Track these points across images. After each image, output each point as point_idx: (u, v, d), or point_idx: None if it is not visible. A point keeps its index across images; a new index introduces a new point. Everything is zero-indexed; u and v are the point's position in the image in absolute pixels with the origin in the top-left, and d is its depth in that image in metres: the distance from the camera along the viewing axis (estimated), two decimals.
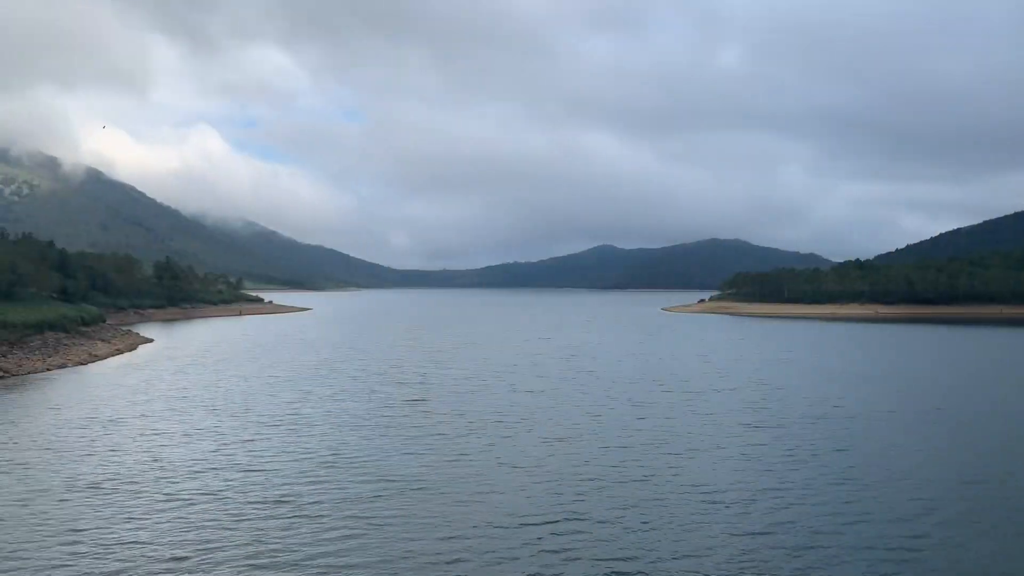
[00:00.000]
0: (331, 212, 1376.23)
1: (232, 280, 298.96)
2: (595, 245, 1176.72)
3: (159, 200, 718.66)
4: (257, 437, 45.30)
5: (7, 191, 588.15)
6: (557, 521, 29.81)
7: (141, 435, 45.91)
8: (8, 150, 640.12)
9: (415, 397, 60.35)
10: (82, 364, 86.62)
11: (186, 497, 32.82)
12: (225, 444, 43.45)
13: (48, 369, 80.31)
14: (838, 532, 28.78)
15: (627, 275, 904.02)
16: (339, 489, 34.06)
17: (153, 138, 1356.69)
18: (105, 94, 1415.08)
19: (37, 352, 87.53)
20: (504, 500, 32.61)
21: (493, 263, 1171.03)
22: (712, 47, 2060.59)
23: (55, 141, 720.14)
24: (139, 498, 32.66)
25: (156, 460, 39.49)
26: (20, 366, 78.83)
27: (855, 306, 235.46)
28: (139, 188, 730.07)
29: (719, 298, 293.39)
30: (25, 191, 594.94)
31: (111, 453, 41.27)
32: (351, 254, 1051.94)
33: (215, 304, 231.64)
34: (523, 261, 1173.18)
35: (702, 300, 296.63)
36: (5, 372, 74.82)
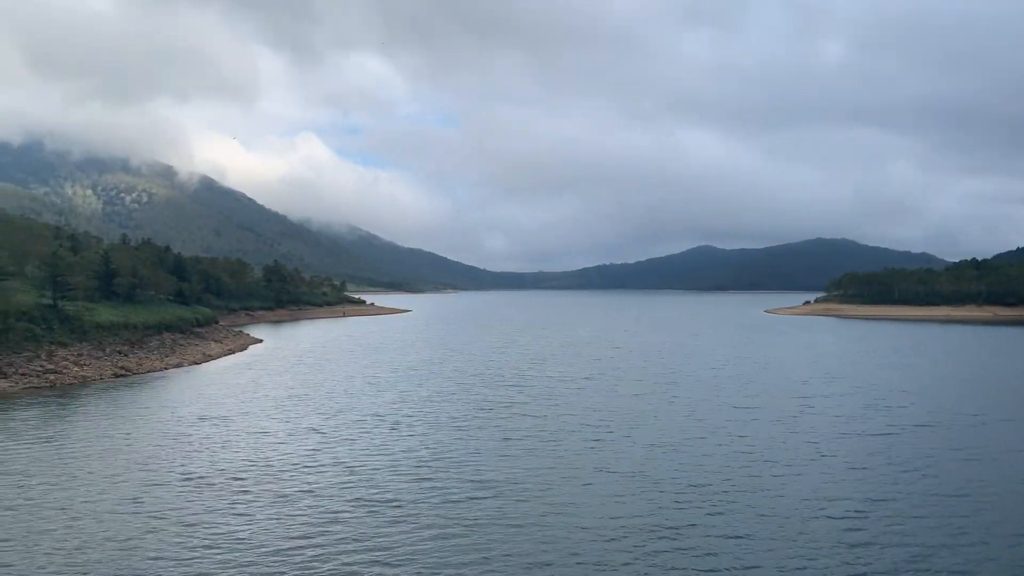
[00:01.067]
0: (429, 216, 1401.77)
1: (336, 283, 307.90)
2: (695, 246, 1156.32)
3: (267, 206, 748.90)
4: (358, 436, 46.36)
5: (128, 199, 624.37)
6: (656, 528, 29.12)
7: (249, 433, 47.67)
8: (128, 160, 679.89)
9: (512, 399, 60.43)
10: (196, 364, 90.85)
11: (289, 494, 33.83)
12: (327, 443, 44.60)
13: (166, 368, 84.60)
14: (953, 547, 27.05)
15: (728, 276, 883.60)
16: (437, 490, 34.36)
17: (261, 147, 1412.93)
18: (216, 105, 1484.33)
19: (156, 352, 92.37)
20: (602, 505, 32.11)
21: (590, 264, 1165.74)
22: (814, 41, 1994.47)
23: (171, 151, 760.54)
24: (245, 494, 33.85)
25: (262, 457, 40.94)
26: (140, 365, 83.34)
27: (971, 308, 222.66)
28: (249, 195, 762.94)
29: (825, 300, 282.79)
30: (144, 199, 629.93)
31: (221, 449, 42.99)
32: (448, 257, 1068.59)
33: (320, 306, 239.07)
34: (620, 262, 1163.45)
35: (807, 302, 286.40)
36: (127, 371, 79.22)
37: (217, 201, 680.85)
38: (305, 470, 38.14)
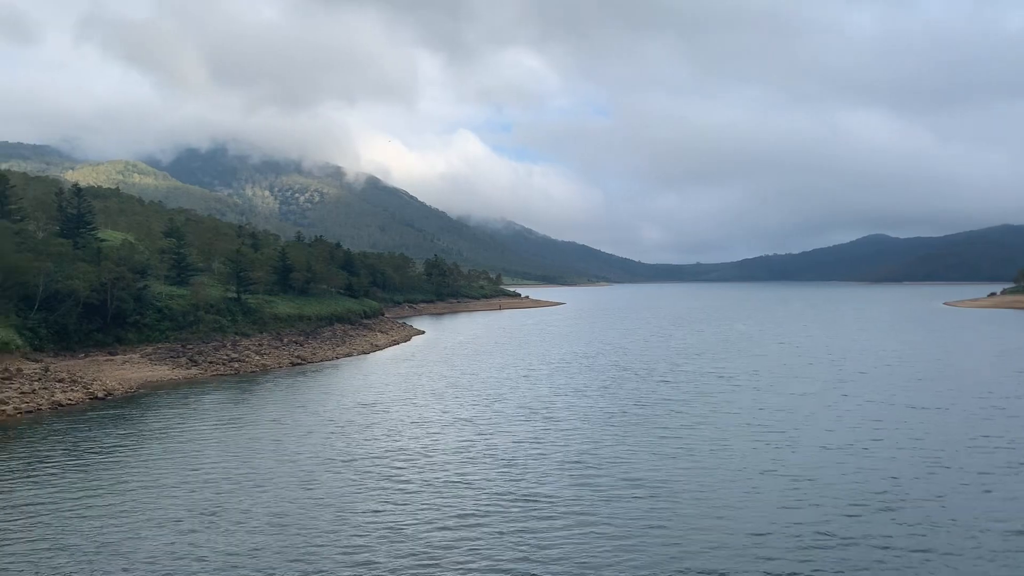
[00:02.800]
0: (582, 208, 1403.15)
1: (492, 276, 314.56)
2: (865, 235, 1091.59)
3: (428, 203, 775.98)
4: (512, 428, 47.00)
5: (302, 199, 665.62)
6: (826, 538, 27.51)
7: (410, 421, 49.53)
8: (301, 162, 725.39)
9: (667, 395, 59.30)
10: (365, 353, 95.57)
11: (444, 484, 34.62)
12: (482, 434, 45.49)
13: (337, 357, 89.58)
14: None
15: (902, 267, 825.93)
16: (590, 486, 34.09)
17: (421, 145, 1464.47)
18: (380, 107, 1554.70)
19: (328, 342, 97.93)
20: (765, 510, 30.70)
21: (750, 256, 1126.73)
22: (994, 11, 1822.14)
23: (340, 152, 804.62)
24: (404, 482, 35.07)
25: (421, 446, 42.33)
26: (314, 354, 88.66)
27: None
28: (411, 192, 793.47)
29: (1014, 291, 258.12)
30: (316, 198, 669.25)
31: (384, 436, 44.89)
32: (602, 249, 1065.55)
33: (477, 299, 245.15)
34: (783, 253, 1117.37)
35: (993, 294, 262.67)
36: (302, 360, 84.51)
37: (382, 199, 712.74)
38: (460, 460, 39.10)
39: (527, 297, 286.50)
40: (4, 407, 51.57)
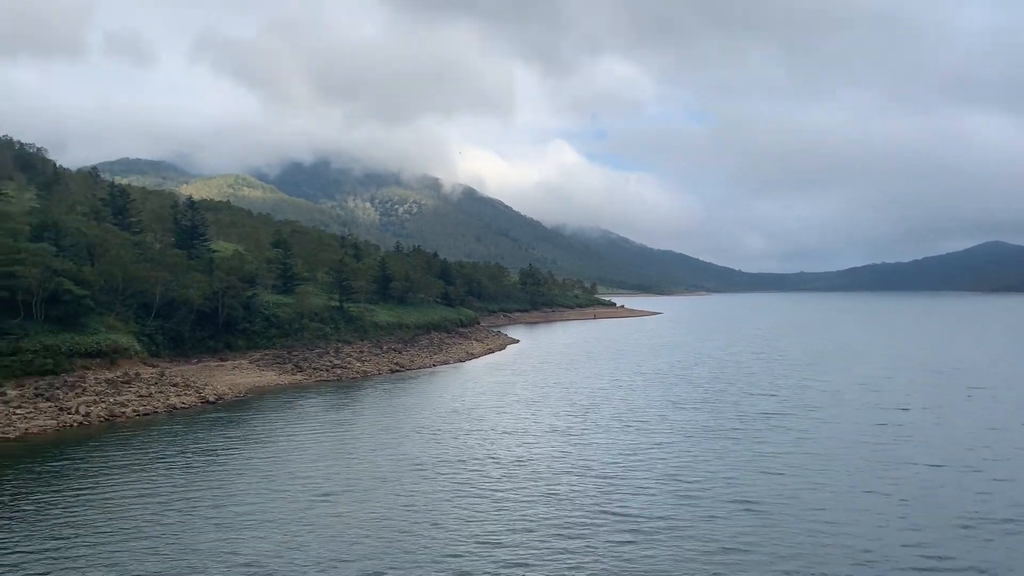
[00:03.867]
0: (679, 216, 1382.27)
1: (587, 285, 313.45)
2: (982, 241, 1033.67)
3: (523, 213, 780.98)
4: (605, 440, 46.43)
5: (401, 210, 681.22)
6: (941, 560, 26.12)
7: (503, 430, 49.72)
8: (400, 174, 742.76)
9: (769, 409, 57.55)
10: (461, 361, 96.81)
11: (538, 496, 34.25)
12: (574, 445, 45.10)
13: (434, 365, 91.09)
14: None
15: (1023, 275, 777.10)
16: (688, 504, 33.19)
17: (517, 156, 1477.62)
18: (476, 119, 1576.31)
19: (425, 350, 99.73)
20: (878, 532, 29.32)
21: (857, 264, 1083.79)
22: None
23: (437, 164, 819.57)
24: (493, 491, 35.12)
25: (512, 456, 42.29)
26: (412, 361, 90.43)
27: None
28: (506, 203, 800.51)
29: None
30: (415, 209, 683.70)
31: (477, 444, 45.19)
32: (700, 258, 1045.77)
33: (572, 308, 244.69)
34: (892, 261, 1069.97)
35: None
36: (400, 367, 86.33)
37: (478, 209, 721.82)
38: (553, 471, 38.76)
39: (622, 306, 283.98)
40: (124, 409, 54.70)
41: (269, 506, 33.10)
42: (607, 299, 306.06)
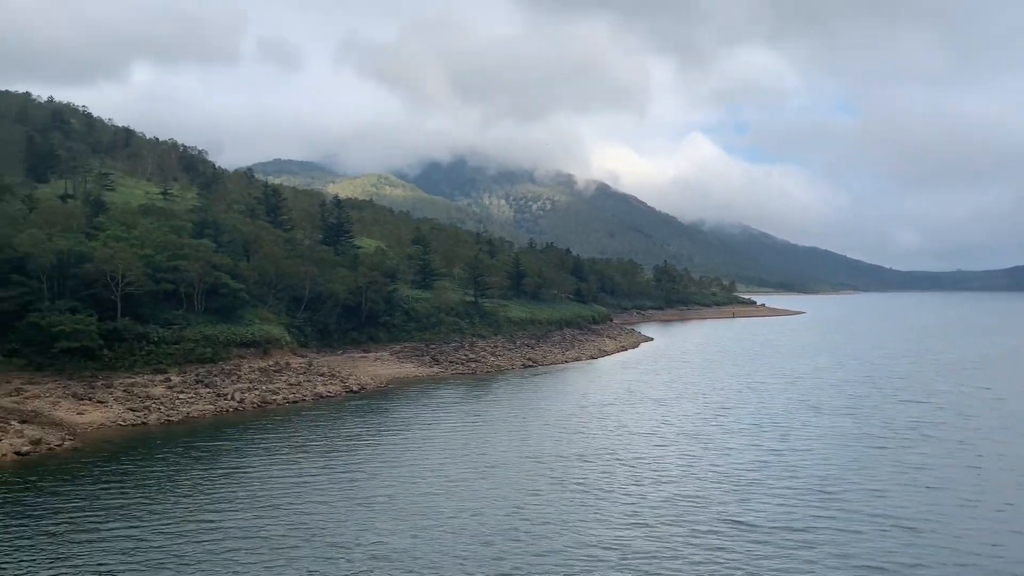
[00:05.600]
0: (825, 211, 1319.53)
1: (725, 283, 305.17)
2: None
3: (658, 208, 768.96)
4: (737, 446, 44.89)
5: (534, 207, 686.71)
6: None
7: (635, 432, 49.25)
8: (534, 171, 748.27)
9: (920, 418, 53.99)
10: (593, 358, 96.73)
11: (654, 502, 33.14)
12: (706, 449, 43.92)
13: (566, 361, 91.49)
14: None
15: None
16: (827, 517, 31.55)
17: (652, 151, 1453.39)
18: (610, 114, 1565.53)
19: (558, 346, 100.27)
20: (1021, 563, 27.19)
21: (1022, 262, 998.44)
22: None
23: (570, 160, 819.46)
24: (621, 495, 34.82)
25: (642, 459, 41.68)
26: (545, 357, 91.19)
27: None
28: (641, 198, 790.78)
29: None
30: (548, 206, 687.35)
31: (608, 446, 44.99)
32: (848, 255, 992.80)
33: (709, 306, 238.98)
34: None
35: None
36: (533, 362, 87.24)
37: (611, 205, 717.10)
38: (683, 477, 37.91)
39: (763, 305, 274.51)
40: (275, 396, 58.14)
41: (402, 493, 34.32)
42: (746, 297, 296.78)
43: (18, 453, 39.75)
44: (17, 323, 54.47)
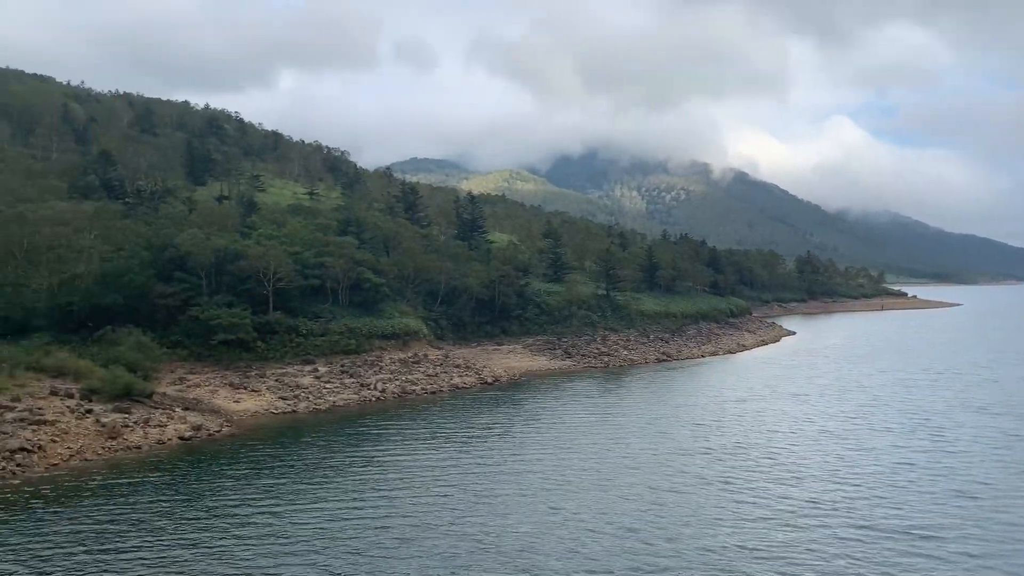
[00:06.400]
0: (983, 195, 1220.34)
1: (873, 273, 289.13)
2: None
3: (800, 196, 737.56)
4: (885, 447, 42.18)
5: (668, 197, 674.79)
6: None
7: (774, 430, 47.51)
8: (667, 162, 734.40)
9: None
10: (731, 353, 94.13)
11: (792, 506, 31.59)
12: (850, 450, 41.63)
13: (702, 356, 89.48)
14: None
15: None
16: (983, 528, 29.17)
17: (792, 136, 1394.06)
18: (747, 99, 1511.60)
19: (693, 340, 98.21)
20: None
21: None
22: None
23: (705, 149, 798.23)
24: (758, 497, 33.58)
25: (781, 459, 39.89)
26: (679, 352, 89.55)
27: None
28: (781, 186, 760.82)
29: None
30: (682, 196, 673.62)
31: (746, 444, 43.65)
32: (1009, 242, 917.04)
33: (855, 298, 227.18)
34: None
35: None
36: (667, 356, 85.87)
37: (749, 194, 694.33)
38: (825, 479, 35.91)
39: (914, 297, 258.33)
40: (414, 387, 60.09)
41: (536, 485, 34.63)
42: (896, 288, 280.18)
43: (181, 438, 42.94)
44: (180, 317, 58.88)
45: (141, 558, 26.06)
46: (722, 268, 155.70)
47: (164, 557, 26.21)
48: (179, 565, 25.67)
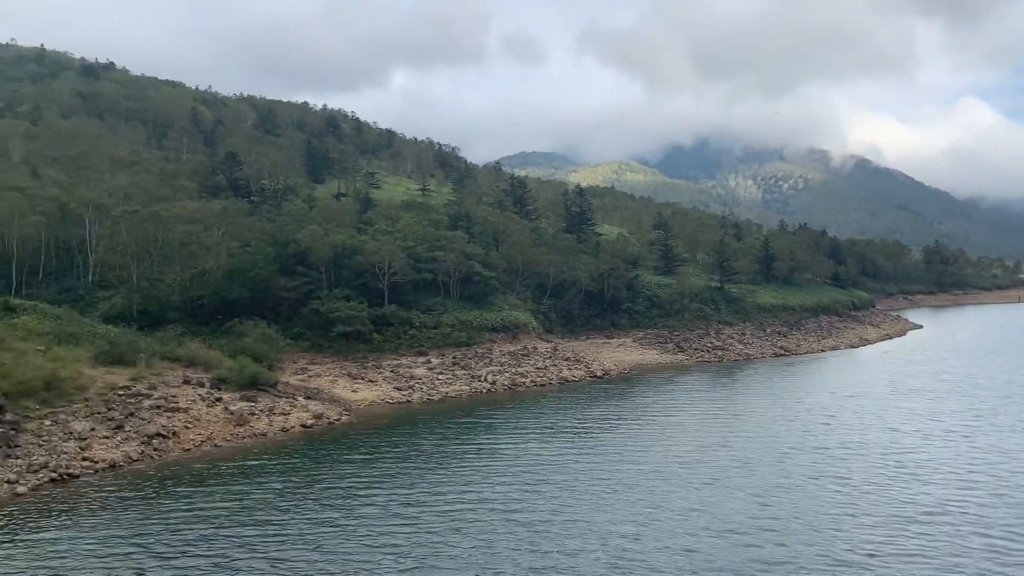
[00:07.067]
0: None
1: (1009, 264, 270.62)
2: None
3: (927, 183, 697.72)
4: (1015, 451, 39.04)
5: (784, 186, 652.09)
6: None
7: (897, 429, 44.93)
8: (783, 149, 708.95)
9: None
10: (853, 347, 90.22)
11: (913, 510, 29.72)
12: (975, 450, 38.89)
13: (822, 350, 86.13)
14: None
15: None
16: None
17: (918, 120, 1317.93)
18: (869, 83, 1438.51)
19: (812, 334, 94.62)
20: None
21: None
22: None
23: (824, 135, 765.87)
24: (884, 504, 31.86)
25: (905, 462, 37.50)
26: (798, 346, 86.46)
27: None
28: (907, 172, 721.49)
29: None
30: (800, 184, 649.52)
31: (867, 444, 41.61)
32: None
33: (989, 290, 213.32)
34: None
35: None
36: (785, 351, 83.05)
37: (871, 181, 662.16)
38: (954, 486, 33.42)
39: None
40: (523, 379, 60.47)
41: (638, 479, 34.15)
42: None
43: (304, 425, 44.72)
44: (301, 309, 61.33)
45: (271, 533, 27.39)
46: (843, 259, 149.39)
47: (291, 534, 27.51)
48: (305, 540, 27.01)
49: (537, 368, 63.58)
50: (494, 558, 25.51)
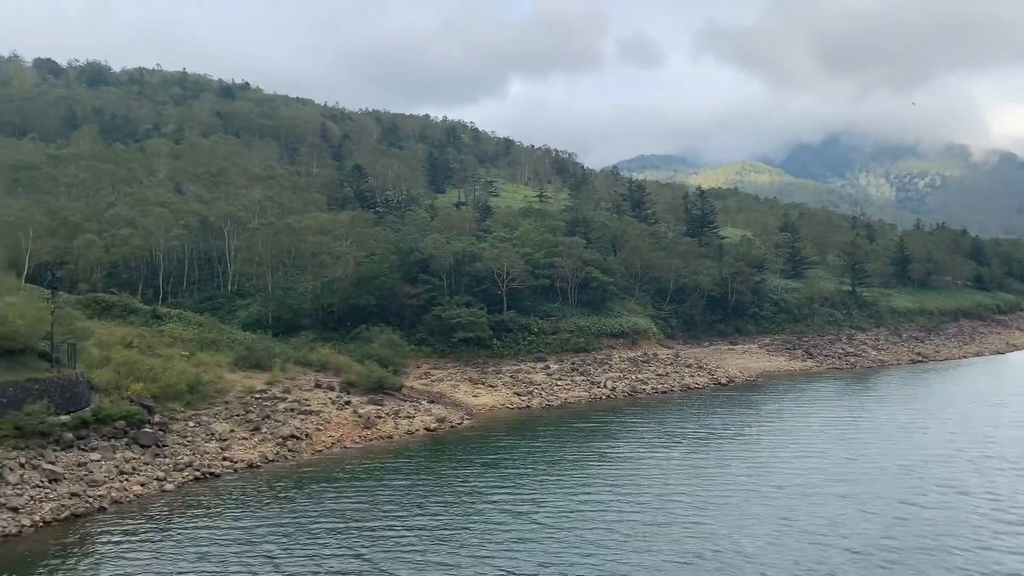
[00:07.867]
0: None
1: None
2: None
3: None
4: None
5: (920, 184, 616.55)
6: None
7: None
8: (918, 145, 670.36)
9: None
10: (999, 353, 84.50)
11: None
12: None
13: (963, 356, 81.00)
14: None
15: None
16: None
17: None
18: (1015, 72, 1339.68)
19: (953, 339, 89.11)
20: None
21: None
22: None
23: (963, 129, 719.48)
24: (1005, 507, 29.73)
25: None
26: (937, 352, 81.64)
27: None
28: None
29: None
30: (937, 182, 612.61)
31: (1001, 453, 38.85)
32: None
33: None
34: None
35: None
36: (923, 357, 78.57)
37: (1019, 177, 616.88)
38: None
39: None
40: (644, 386, 59.72)
41: (763, 491, 32.99)
42: None
43: (427, 429, 45.78)
44: (424, 316, 62.85)
45: (398, 527, 28.17)
46: (987, 260, 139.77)
47: (418, 528, 28.25)
48: (429, 531, 28.02)
49: (658, 375, 62.63)
50: (631, 561, 25.26)
